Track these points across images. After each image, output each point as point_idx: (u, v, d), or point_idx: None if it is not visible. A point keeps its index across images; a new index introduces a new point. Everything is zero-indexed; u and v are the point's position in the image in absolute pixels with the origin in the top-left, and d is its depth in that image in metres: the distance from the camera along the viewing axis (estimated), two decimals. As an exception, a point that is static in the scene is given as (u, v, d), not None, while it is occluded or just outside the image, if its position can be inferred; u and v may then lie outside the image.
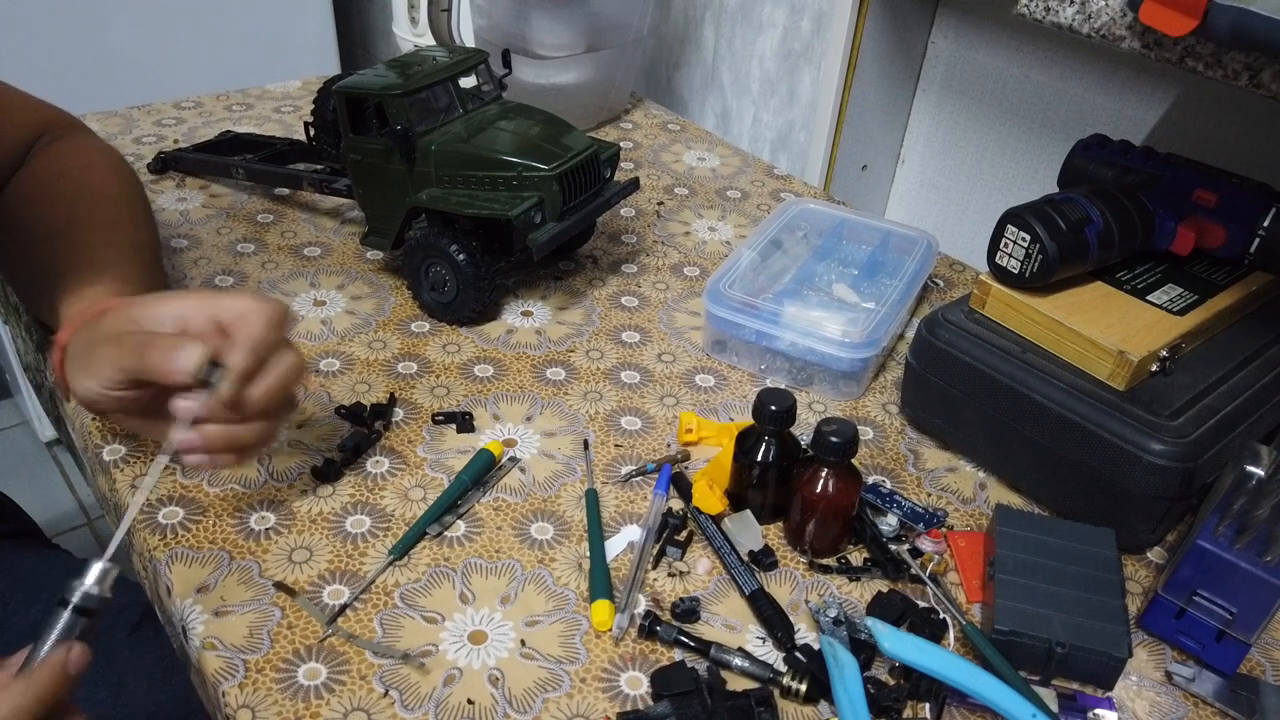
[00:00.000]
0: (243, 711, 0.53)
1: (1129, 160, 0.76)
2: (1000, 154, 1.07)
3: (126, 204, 0.77)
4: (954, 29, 1.08)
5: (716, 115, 1.36)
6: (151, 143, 1.10)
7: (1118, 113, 0.95)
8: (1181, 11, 0.61)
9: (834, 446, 0.62)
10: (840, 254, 0.93)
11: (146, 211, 0.79)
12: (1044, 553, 0.62)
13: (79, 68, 1.52)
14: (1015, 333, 0.71)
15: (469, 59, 0.87)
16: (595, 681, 0.57)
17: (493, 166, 0.81)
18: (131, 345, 0.57)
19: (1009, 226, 0.70)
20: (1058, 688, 0.58)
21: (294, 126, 1.16)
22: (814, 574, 0.65)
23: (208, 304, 0.59)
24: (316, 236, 0.96)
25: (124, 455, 0.69)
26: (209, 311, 0.59)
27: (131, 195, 0.78)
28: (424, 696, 0.55)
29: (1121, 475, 0.64)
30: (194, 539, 0.63)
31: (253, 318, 0.57)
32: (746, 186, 1.12)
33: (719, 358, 0.84)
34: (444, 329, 0.85)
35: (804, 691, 0.56)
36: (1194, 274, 0.74)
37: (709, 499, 0.67)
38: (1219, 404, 0.66)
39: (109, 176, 0.78)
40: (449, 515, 0.66)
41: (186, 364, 0.55)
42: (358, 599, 0.60)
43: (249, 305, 0.58)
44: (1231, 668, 0.59)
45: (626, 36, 1.19)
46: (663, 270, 0.96)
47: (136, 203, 0.78)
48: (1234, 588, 0.58)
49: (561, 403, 0.78)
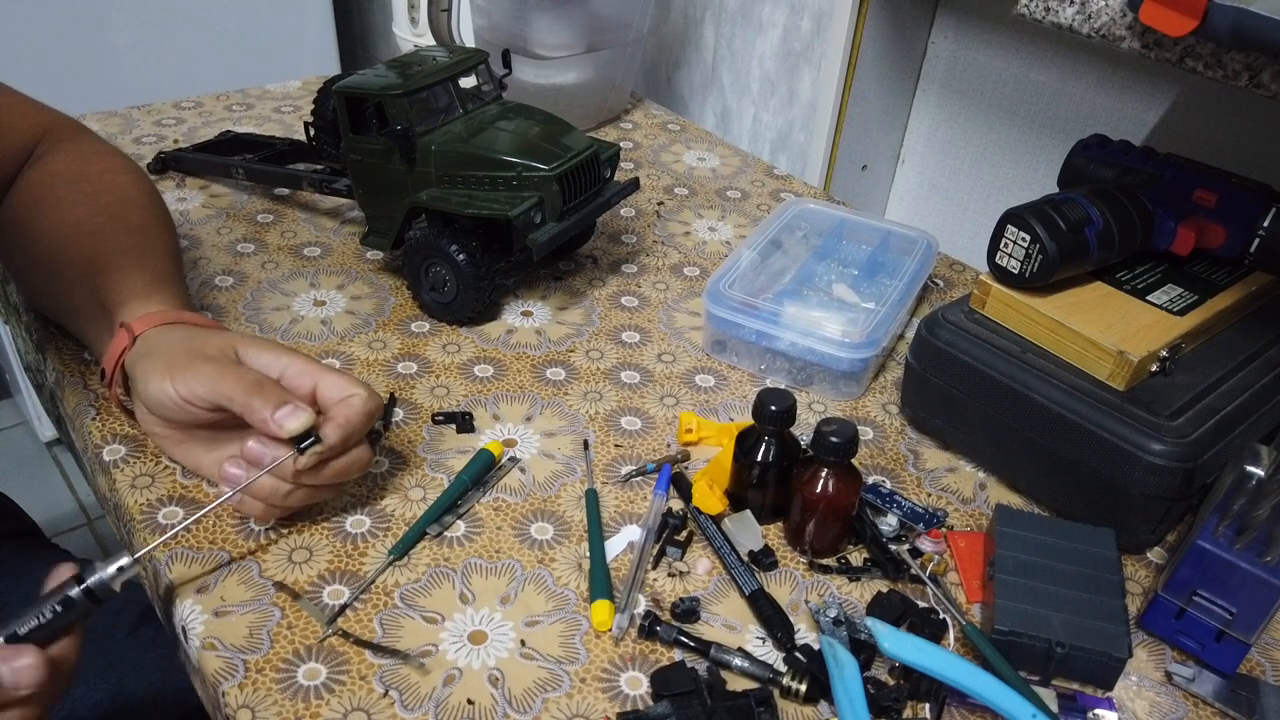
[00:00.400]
0: (242, 711, 0.53)
1: (1129, 160, 0.76)
2: (1000, 154, 1.07)
3: (152, 207, 0.78)
4: (954, 29, 1.08)
5: (716, 115, 1.36)
6: (151, 143, 1.10)
7: (1118, 113, 0.95)
8: (1181, 11, 0.61)
9: (834, 446, 0.62)
10: (840, 254, 0.93)
11: (169, 214, 0.80)
12: (1044, 553, 0.62)
13: (79, 68, 1.52)
14: (1015, 333, 0.71)
15: (469, 59, 0.87)
16: (595, 682, 0.57)
17: (493, 166, 0.81)
18: (240, 380, 0.58)
19: (1009, 226, 0.70)
20: (1058, 688, 0.58)
21: (294, 126, 1.16)
22: (814, 574, 0.65)
23: (315, 373, 0.61)
24: (316, 236, 0.96)
25: (124, 455, 0.69)
26: (314, 380, 0.61)
27: (155, 198, 0.79)
28: (424, 696, 0.55)
29: (1121, 475, 0.64)
30: (194, 539, 0.63)
31: (357, 404, 0.60)
32: (746, 186, 1.12)
33: (719, 358, 0.84)
34: (444, 329, 0.85)
35: (804, 691, 0.56)
36: (1194, 274, 0.74)
37: (709, 499, 0.67)
38: (1219, 404, 0.66)
39: (130, 180, 0.79)
40: (449, 515, 0.66)
41: (293, 426, 0.57)
42: (358, 599, 0.60)
43: (356, 390, 0.61)
44: (1231, 668, 0.59)
45: (626, 36, 1.19)
46: (663, 270, 0.96)
47: (160, 205, 0.79)
48: (1234, 588, 0.58)
49: (561, 403, 0.78)
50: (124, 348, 0.64)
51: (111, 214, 0.74)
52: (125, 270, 0.69)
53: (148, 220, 0.76)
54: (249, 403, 0.57)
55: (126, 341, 0.64)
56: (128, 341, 0.64)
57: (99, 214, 0.74)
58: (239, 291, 0.87)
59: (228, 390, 0.58)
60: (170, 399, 0.59)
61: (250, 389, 0.58)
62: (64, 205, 0.74)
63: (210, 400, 0.59)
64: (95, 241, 0.71)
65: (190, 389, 0.59)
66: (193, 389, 0.59)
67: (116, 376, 0.64)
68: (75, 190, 0.75)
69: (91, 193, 0.75)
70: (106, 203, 0.75)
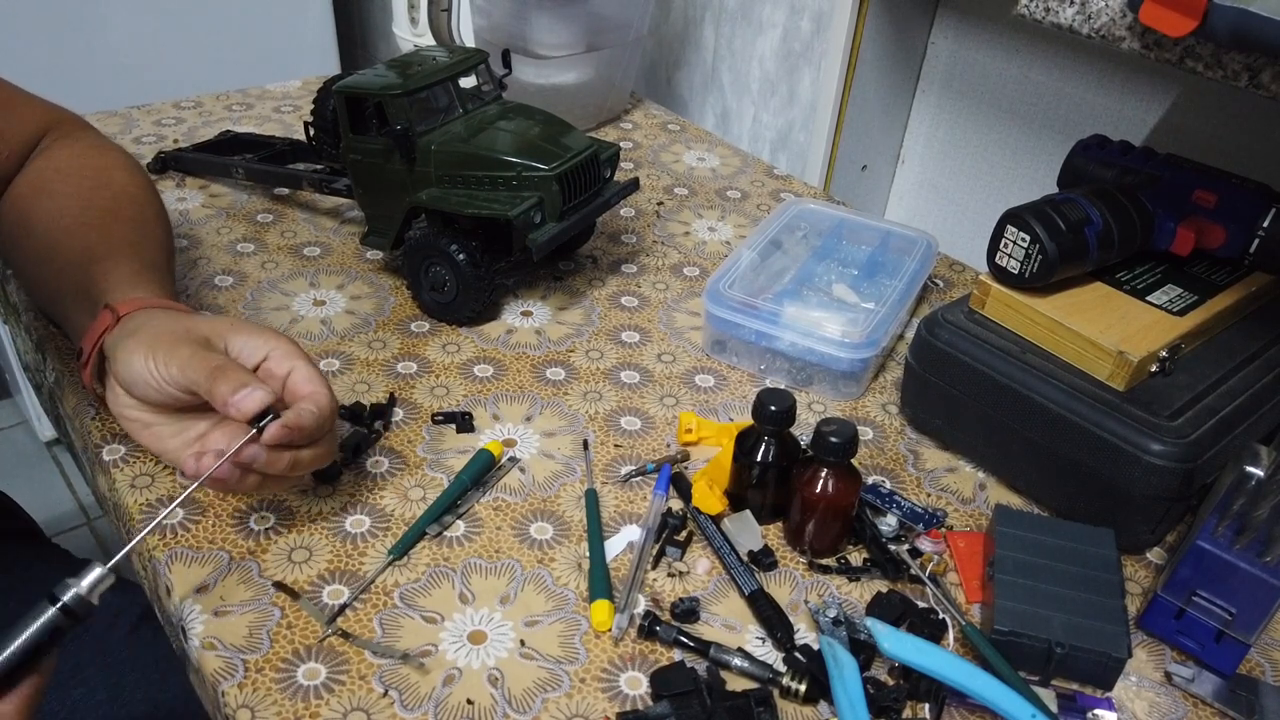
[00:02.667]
0: (242, 711, 0.53)
1: (1129, 160, 0.76)
2: (1000, 154, 1.07)
3: (148, 204, 0.78)
4: (954, 29, 1.08)
5: (716, 115, 1.36)
6: (151, 143, 1.10)
7: (1118, 113, 0.95)
8: (1181, 12, 0.61)
9: (834, 446, 0.62)
10: (840, 254, 0.93)
11: (165, 210, 0.80)
12: (1043, 553, 0.62)
13: (79, 68, 1.52)
14: (1015, 333, 0.71)
15: (469, 59, 0.87)
16: (595, 681, 0.57)
17: (493, 166, 0.81)
18: (206, 364, 0.59)
19: (1009, 227, 0.70)
20: (1057, 688, 0.58)
21: (294, 126, 1.16)
22: (814, 574, 0.65)
23: (292, 360, 0.62)
24: (316, 236, 0.96)
25: (124, 455, 0.69)
26: (290, 365, 0.62)
27: (152, 194, 0.80)
28: (423, 696, 0.55)
29: (1121, 475, 0.64)
30: (194, 539, 0.63)
31: (322, 400, 0.61)
32: (746, 186, 1.12)
33: (719, 358, 0.84)
34: (444, 329, 0.85)
35: (803, 692, 0.56)
36: (1194, 274, 0.74)
37: (709, 499, 0.67)
38: (1219, 404, 0.66)
39: (128, 176, 0.79)
40: (449, 515, 0.66)
41: (248, 407, 0.58)
42: (357, 599, 0.60)
43: (323, 389, 0.62)
44: (1231, 668, 0.59)
45: (626, 36, 1.19)
46: (663, 270, 0.96)
47: (156, 202, 0.80)
48: (1233, 588, 0.58)
49: (561, 403, 0.78)
50: (106, 327, 0.64)
51: (107, 208, 0.75)
52: (115, 260, 0.70)
53: (142, 215, 0.76)
54: (210, 387, 0.58)
55: (109, 321, 0.64)
56: (110, 322, 0.64)
57: (94, 208, 0.74)
58: (239, 291, 0.87)
59: (194, 375, 0.59)
60: (150, 377, 0.60)
61: (214, 374, 0.59)
62: (61, 198, 0.74)
63: (181, 383, 0.60)
64: (89, 234, 0.72)
65: (167, 370, 0.60)
66: (169, 371, 0.60)
67: (93, 357, 0.64)
68: (73, 184, 0.76)
69: (89, 188, 0.76)
70: (103, 197, 0.75)
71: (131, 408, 0.63)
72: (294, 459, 0.60)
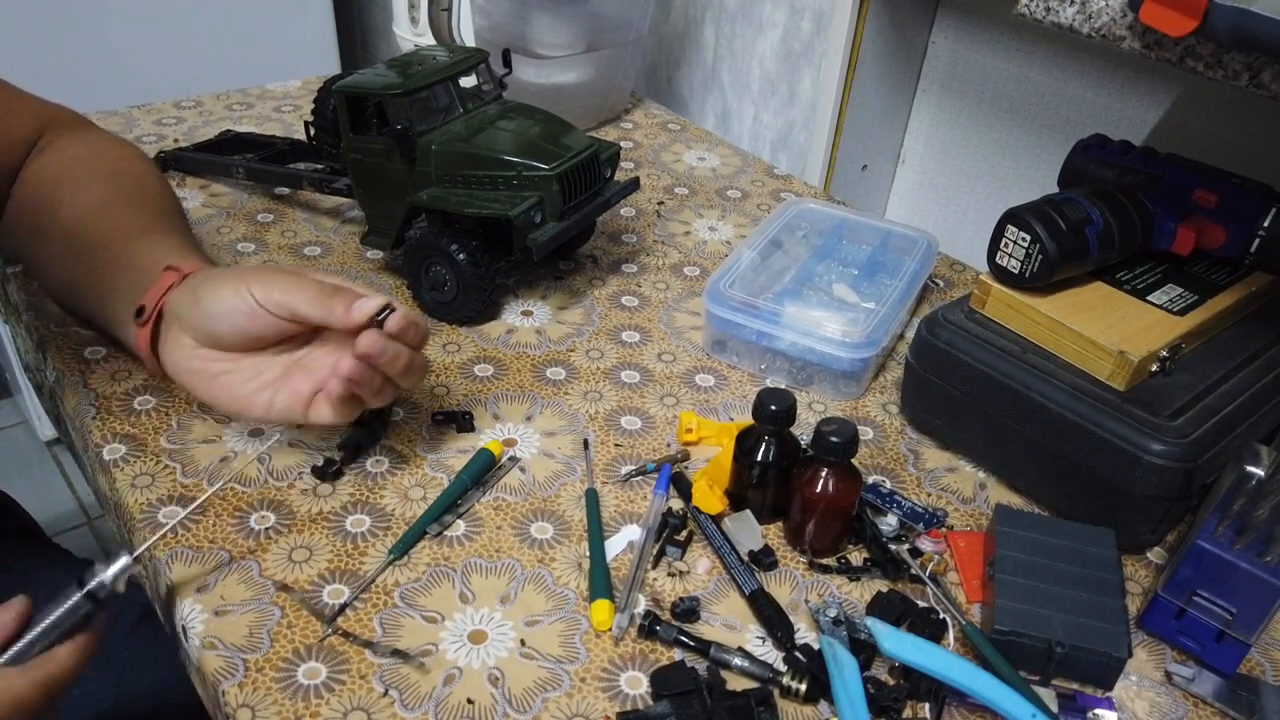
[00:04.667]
0: (242, 711, 0.53)
1: (1129, 160, 0.76)
2: (1000, 154, 1.07)
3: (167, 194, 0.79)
4: (954, 29, 1.08)
5: (716, 115, 1.36)
6: (151, 142, 1.10)
7: (1118, 113, 0.95)
8: (1181, 11, 0.61)
9: (834, 446, 0.62)
10: (840, 254, 0.93)
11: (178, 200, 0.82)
12: (1044, 553, 0.62)
13: (79, 68, 1.52)
14: (1015, 333, 0.71)
15: (469, 59, 0.87)
16: (595, 681, 0.57)
17: (493, 166, 0.81)
18: (318, 286, 0.63)
19: (1009, 226, 0.70)
20: (1057, 688, 0.58)
21: (294, 126, 1.16)
22: (814, 574, 0.65)
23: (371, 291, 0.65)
24: (316, 236, 0.96)
25: (124, 455, 0.69)
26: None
27: (168, 185, 0.81)
28: (424, 696, 0.55)
29: (1121, 475, 0.64)
30: (194, 538, 0.63)
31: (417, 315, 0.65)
32: (746, 186, 1.12)
33: (719, 358, 0.84)
34: (444, 329, 0.85)
35: (804, 691, 0.56)
36: (1194, 274, 0.74)
37: (709, 499, 0.67)
38: (1219, 404, 0.66)
39: (145, 166, 0.80)
40: (449, 515, 0.66)
41: (370, 306, 0.61)
42: (358, 598, 0.60)
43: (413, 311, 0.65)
44: (1231, 668, 0.59)
45: (626, 36, 1.19)
46: (663, 270, 0.96)
47: (173, 193, 0.81)
48: (1234, 588, 0.58)
49: (561, 402, 0.78)
50: (170, 284, 0.65)
51: (133, 192, 0.76)
52: (160, 233, 0.72)
53: (168, 203, 0.78)
54: (328, 304, 0.61)
55: (174, 279, 0.66)
56: (176, 279, 0.66)
57: (121, 191, 0.76)
58: (239, 291, 0.87)
59: (305, 294, 0.61)
60: (243, 304, 0.62)
61: (331, 292, 0.62)
62: (85, 184, 0.75)
63: (286, 306, 0.62)
64: (120, 213, 0.73)
65: (268, 294, 0.61)
66: (270, 295, 0.61)
67: (153, 317, 0.65)
68: (93, 172, 0.77)
69: (110, 174, 0.77)
70: (127, 183, 0.77)
71: (199, 359, 0.64)
72: (410, 360, 0.62)
